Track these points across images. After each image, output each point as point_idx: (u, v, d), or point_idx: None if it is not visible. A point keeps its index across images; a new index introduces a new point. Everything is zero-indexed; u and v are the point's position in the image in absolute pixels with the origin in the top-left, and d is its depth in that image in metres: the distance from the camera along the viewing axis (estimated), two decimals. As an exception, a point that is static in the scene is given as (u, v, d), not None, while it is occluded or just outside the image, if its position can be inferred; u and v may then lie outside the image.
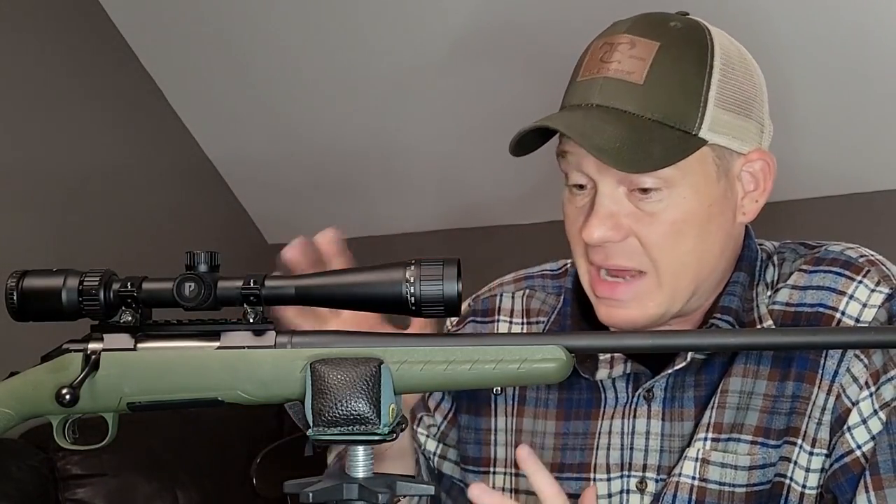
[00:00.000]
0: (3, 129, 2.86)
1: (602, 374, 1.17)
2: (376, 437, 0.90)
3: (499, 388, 1.26)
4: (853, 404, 1.09)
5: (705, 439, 1.13)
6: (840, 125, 2.32)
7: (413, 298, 0.89)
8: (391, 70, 2.81)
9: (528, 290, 1.31)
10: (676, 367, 1.14)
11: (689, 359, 1.13)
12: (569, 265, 1.29)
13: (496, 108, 2.58)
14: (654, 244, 1.10)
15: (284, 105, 3.09)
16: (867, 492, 1.07)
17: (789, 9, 2.17)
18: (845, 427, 1.09)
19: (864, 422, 1.09)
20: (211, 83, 3.15)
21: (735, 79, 1.11)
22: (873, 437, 1.08)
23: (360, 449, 0.92)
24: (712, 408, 1.14)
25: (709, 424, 1.13)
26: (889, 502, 1.06)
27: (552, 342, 0.93)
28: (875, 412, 1.09)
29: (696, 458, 1.13)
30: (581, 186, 1.13)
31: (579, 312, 1.22)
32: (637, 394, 1.17)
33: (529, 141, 1.13)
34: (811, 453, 1.11)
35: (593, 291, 1.15)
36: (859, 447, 1.09)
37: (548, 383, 0.96)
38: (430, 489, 0.93)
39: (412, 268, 0.90)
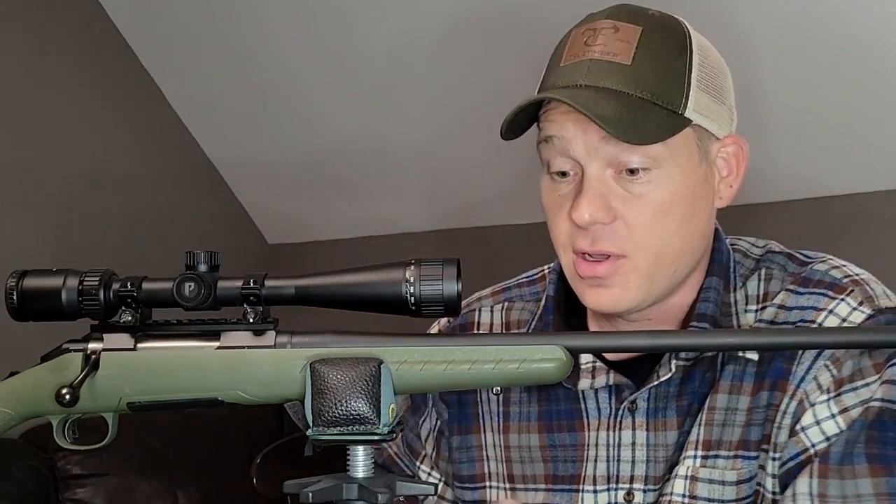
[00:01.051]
0: (3, 129, 2.86)
1: (584, 384, 1.17)
2: (376, 437, 0.90)
3: (498, 388, 1.26)
4: (810, 406, 1.08)
5: (694, 457, 1.13)
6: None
7: (413, 298, 0.90)
8: (391, 70, 2.81)
9: (506, 303, 1.30)
10: (661, 380, 1.13)
11: (672, 370, 1.13)
12: (546, 271, 1.28)
13: (497, 108, 2.58)
14: (641, 225, 1.09)
15: (284, 105, 3.09)
16: (811, 477, 1.05)
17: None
18: (798, 427, 1.08)
19: (818, 423, 1.07)
20: (211, 83, 3.15)
21: (710, 65, 1.13)
22: (828, 439, 1.07)
23: (360, 449, 0.92)
24: (699, 425, 1.13)
25: (697, 442, 1.13)
26: (830, 492, 1.04)
27: (551, 342, 0.93)
28: (832, 416, 1.07)
29: (686, 476, 1.12)
30: (565, 174, 1.12)
31: (561, 320, 1.21)
32: (622, 406, 1.16)
33: (518, 124, 1.13)
34: (774, 458, 1.10)
35: (577, 275, 1.13)
36: (813, 446, 1.07)
37: (548, 383, 0.96)
38: (430, 489, 0.93)
39: (412, 268, 0.90)
